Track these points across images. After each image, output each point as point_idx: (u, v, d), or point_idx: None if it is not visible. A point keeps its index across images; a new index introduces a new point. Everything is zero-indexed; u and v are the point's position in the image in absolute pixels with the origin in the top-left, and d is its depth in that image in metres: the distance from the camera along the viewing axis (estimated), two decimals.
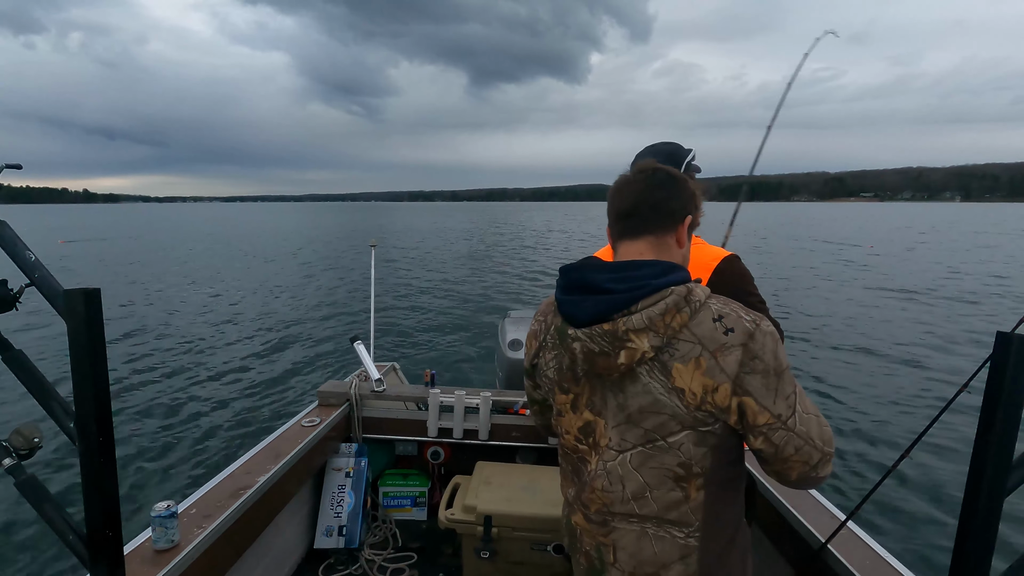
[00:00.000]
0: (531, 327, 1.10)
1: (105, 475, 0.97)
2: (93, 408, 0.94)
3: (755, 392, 0.84)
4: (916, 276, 15.62)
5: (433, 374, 2.82)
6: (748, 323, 0.86)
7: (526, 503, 2.11)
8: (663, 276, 0.87)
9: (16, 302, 1.02)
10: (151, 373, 7.08)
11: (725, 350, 0.84)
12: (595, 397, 0.95)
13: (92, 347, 0.93)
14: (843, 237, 32.51)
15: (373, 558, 2.37)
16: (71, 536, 0.99)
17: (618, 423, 0.92)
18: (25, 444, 0.99)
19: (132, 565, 1.40)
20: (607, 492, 0.95)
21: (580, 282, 0.91)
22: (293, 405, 5.93)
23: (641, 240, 0.96)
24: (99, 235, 37.92)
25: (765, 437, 0.86)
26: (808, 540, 1.55)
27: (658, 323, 0.84)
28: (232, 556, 1.75)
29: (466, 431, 2.57)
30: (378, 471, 2.74)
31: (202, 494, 1.78)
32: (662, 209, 0.96)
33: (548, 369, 1.03)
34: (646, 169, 0.98)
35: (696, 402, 0.85)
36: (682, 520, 0.91)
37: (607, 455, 0.94)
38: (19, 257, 0.98)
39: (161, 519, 1.47)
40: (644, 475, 0.91)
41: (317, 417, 2.45)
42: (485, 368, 7.07)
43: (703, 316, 0.86)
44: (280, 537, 2.21)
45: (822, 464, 0.89)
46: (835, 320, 9.81)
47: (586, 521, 1.00)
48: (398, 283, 14.71)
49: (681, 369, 0.85)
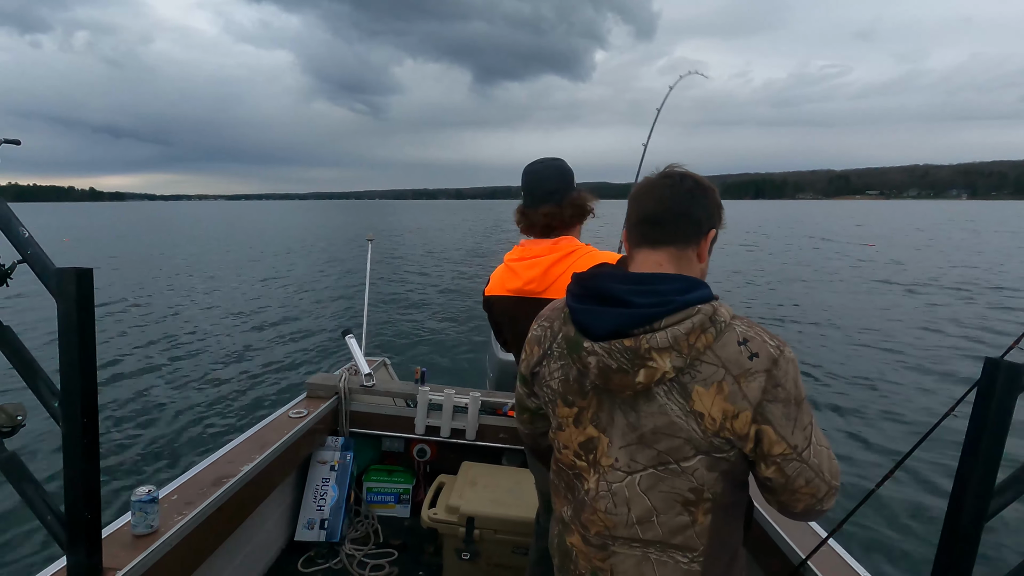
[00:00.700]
0: (532, 331, 1.04)
1: (87, 457, 0.96)
2: (79, 389, 0.93)
3: (775, 421, 0.81)
4: (917, 276, 15.64)
5: (423, 371, 2.82)
6: (772, 348, 0.82)
7: (510, 506, 2.10)
8: (689, 292, 0.82)
9: (7, 278, 1.02)
10: (140, 356, 7.03)
11: (749, 376, 0.80)
12: (601, 413, 0.90)
13: (82, 328, 0.92)
14: (842, 236, 32.69)
15: (354, 553, 2.36)
16: (49, 517, 0.99)
17: (628, 443, 0.87)
18: (8, 421, 0.98)
19: (110, 549, 1.39)
20: (610, 515, 0.90)
21: (597, 291, 0.86)
22: (282, 395, 5.90)
23: (662, 251, 0.90)
24: (104, 233, 37.64)
25: (778, 467, 0.83)
26: (789, 556, 1.55)
27: (682, 343, 0.79)
28: (212, 544, 1.73)
29: (453, 430, 2.56)
30: (363, 466, 2.73)
31: (184, 480, 1.76)
32: (688, 219, 0.90)
33: (552, 380, 0.97)
34: (673, 174, 0.93)
35: (715, 428, 0.81)
36: (687, 545, 0.88)
37: (612, 476, 0.89)
38: (12, 233, 0.97)
39: (141, 504, 1.46)
40: (652, 498, 0.87)
41: (305, 409, 2.44)
42: (476, 368, 7.06)
43: (728, 338, 0.81)
44: (261, 527, 2.20)
45: (828, 498, 0.86)
46: (819, 332, 9.86)
47: (584, 543, 0.95)
48: (394, 279, 14.68)
49: (702, 392, 0.81)
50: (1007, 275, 15.98)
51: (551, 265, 1.38)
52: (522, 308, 1.42)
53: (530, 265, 1.40)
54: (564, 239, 1.43)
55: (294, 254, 21.34)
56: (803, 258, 21.00)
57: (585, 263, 1.38)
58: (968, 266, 18.09)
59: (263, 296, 11.74)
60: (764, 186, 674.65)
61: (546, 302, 1.38)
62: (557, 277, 1.38)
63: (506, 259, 1.48)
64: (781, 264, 19.04)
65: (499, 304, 1.49)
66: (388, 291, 12.66)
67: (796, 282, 15.17)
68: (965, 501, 0.78)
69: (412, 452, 2.71)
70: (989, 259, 20.18)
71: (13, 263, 1.00)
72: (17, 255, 0.99)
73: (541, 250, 1.41)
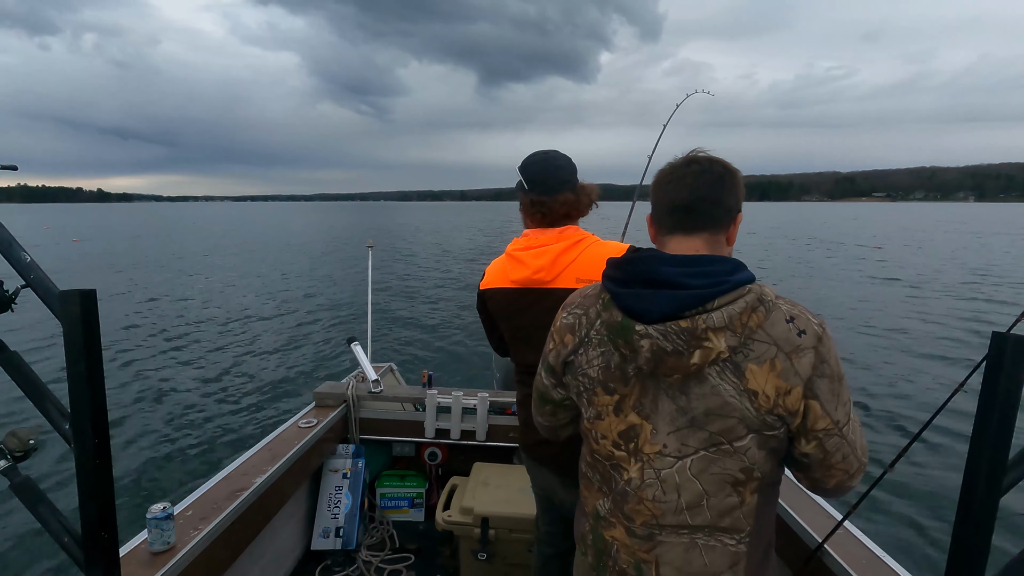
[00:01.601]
0: (563, 320, 1.01)
1: (101, 477, 0.96)
2: (89, 409, 0.93)
3: (822, 396, 0.82)
4: (919, 273, 15.66)
5: (430, 375, 2.82)
6: (816, 326, 0.84)
7: (524, 505, 2.10)
8: (736, 273, 0.83)
9: (11, 303, 1.02)
10: (148, 374, 7.05)
11: (800, 352, 0.81)
12: (645, 399, 0.89)
13: (88, 348, 0.93)
14: (842, 235, 32.61)
15: (370, 559, 2.37)
16: (66, 538, 0.99)
17: (678, 427, 0.87)
18: (20, 446, 0.99)
19: (128, 567, 1.40)
20: (659, 503, 0.88)
21: (646, 275, 0.84)
22: (290, 406, 5.91)
23: (696, 237, 0.90)
24: (112, 234, 37.78)
25: (819, 442, 0.84)
26: (805, 540, 1.55)
27: (736, 322, 0.80)
28: (229, 558, 1.74)
29: (463, 432, 2.57)
30: (375, 472, 2.74)
31: (198, 496, 1.77)
32: (721, 205, 0.90)
33: (591, 368, 0.95)
34: (701, 160, 0.91)
35: (769, 405, 0.82)
36: (734, 526, 0.88)
37: (660, 463, 0.88)
38: (14, 258, 0.98)
39: (157, 521, 1.47)
40: (703, 482, 0.86)
41: (314, 418, 2.44)
42: (482, 369, 7.06)
43: (776, 316, 0.83)
44: (277, 539, 2.20)
45: (858, 474, 0.88)
46: (827, 315, 9.85)
47: (628, 535, 0.93)
48: (397, 283, 14.70)
49: (755, 370, 0.81)
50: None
51: (560, 253, 1.37)
52: (525, 299, 1.40)
53: (538, 254, 1.39)
54: (569, 228, 1.42)
55: (298, 258, 21.36)
56: (807, 258, 20.97)
57: (593, 252, 1.37)
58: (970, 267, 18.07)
59: (267, 305, 11.76)
60: (769, 188, 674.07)
61: (554, 291, 1.36)
62: (566, 266, 1.37)
63: (509, 250, 1.45)
64: (794, 263, 19.06)
65: (497, 297, 1.47)
66: (391, 296, 12.67)
67: (794, 278, 15.17)
68: (979, 477, 0.78)
69: (423, 456, 2.72)
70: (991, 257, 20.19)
71: (16, 288, 1.01)
72: (20, 280, 0.99)
73: (548, 239, 1.40)
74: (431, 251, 24.71)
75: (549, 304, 1.30)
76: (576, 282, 1.34)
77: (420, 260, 20.87)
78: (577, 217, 1.45)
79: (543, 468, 1.49)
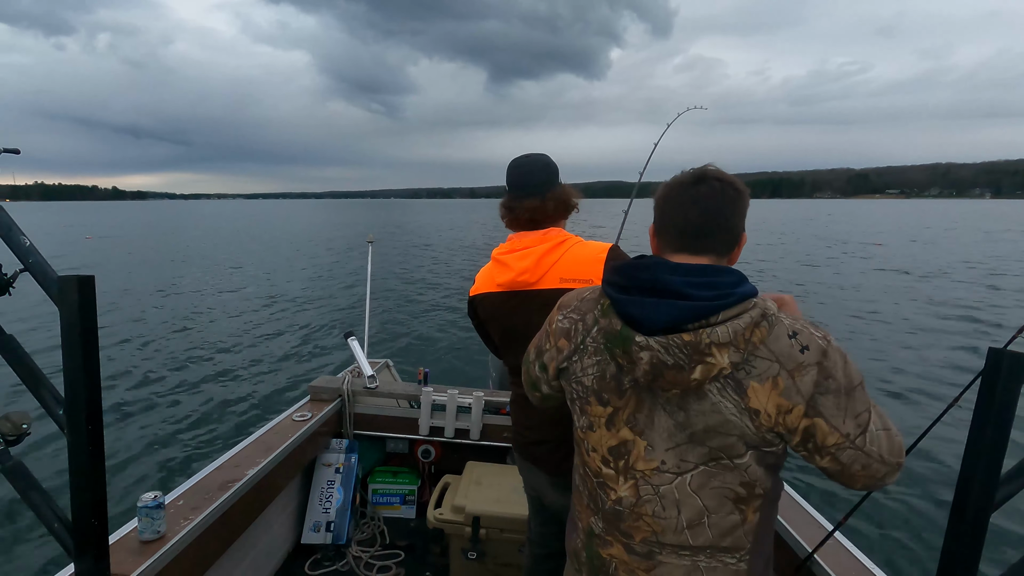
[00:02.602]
0: (559, 323, 0.99)
1: (93, 464, 0.96)
2: (83, 396, 0.93)
3: (826, 412, 0.79)
4: (923, 272, 15.63)
5: (426, 372, 2.82)
6: (820, 340, 0.80)
7: (516, 505, 2.10)
8: (740, 285, 0.80)
9: (10, 287, 1.02)
10: (143, 362, 7.04)
11: (802, 369, 0.78)
12: (639, 414, 0.86)
13: (85, 335, 0.92)
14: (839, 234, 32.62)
15: (360, 555, 2.37)
16: (56, 524, 0.99)
17: (677, 444, 0.84)
18: (13, 430, 0.98)
19: (117, 555, 1.39)
20: (659, 519, 0.86)
21: (648, 282, 0.81)
22: (285, 399, 5.90)
23: (703, 257, 0.89)
24: (125, 232, 37.67)
25: (833, 457, 0.81)
26: (795, 549, 1.55)
27: (740, 338, 0.77)
28: (219, 549, 1.74)
29: (458, 430, 2.56)
30: (368, 468, 2.73)
31: (190, 486, 1.77)
32: (732, 229, 0.89)
33: (585, 376, 0.93)
34: (711, 181, 0.88)
35: (770, 423, 0.80)
36: (735, 545, 0.86)
37: (658, 479, 0.86)
38: (13, 242, 0.98)
39: (148, 510, 1.47)
40: (703, 497, 0.84)
41: (308, 412, 2.44)
42: (478, 368, 7.06)
43: (778, 332, 0.80)
44: (268, 531, 2.20)
45: (889, 475, 0.84)
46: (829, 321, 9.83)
47: (627, 552, 0.90)
48: (396, 279, 14.68)
49: (758, 388, 0.79)
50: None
51: (543, 255, 1.38)
52: (512, 302, 1.41)
53: (521, 256, 1.39)
54: (553, 230, 1.42)
55: (301, 254, 21.34)
56: (814, 258, 20.98)
57: (576, 253, 1.37)
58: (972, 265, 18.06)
59: (266, 298, 11.75)
60: (781, 185, 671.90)
61: (540, 293, 1.36)
62: (550, 267, 1.37)
63: (494, 254, 1.46)
64: (795, 262, 19.05)
65: (486, 303, 1.47)
66: (390, 292, 12.66)
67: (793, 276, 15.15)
68: (971, 491, 0.78)
69: (416, 453, 2.71)
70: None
71: (15, 272, 1.01)
72: (19, 264, 0.99)
73: (531, 241, 1.40)
74: (437, 247, 24.69)
75: (536, 305, 1.31)
76: (560, 282, 1.35)
77: (423, 256, 20.85)
78: (546, 222, 1.43)
79: (534, 468, 1.49)
